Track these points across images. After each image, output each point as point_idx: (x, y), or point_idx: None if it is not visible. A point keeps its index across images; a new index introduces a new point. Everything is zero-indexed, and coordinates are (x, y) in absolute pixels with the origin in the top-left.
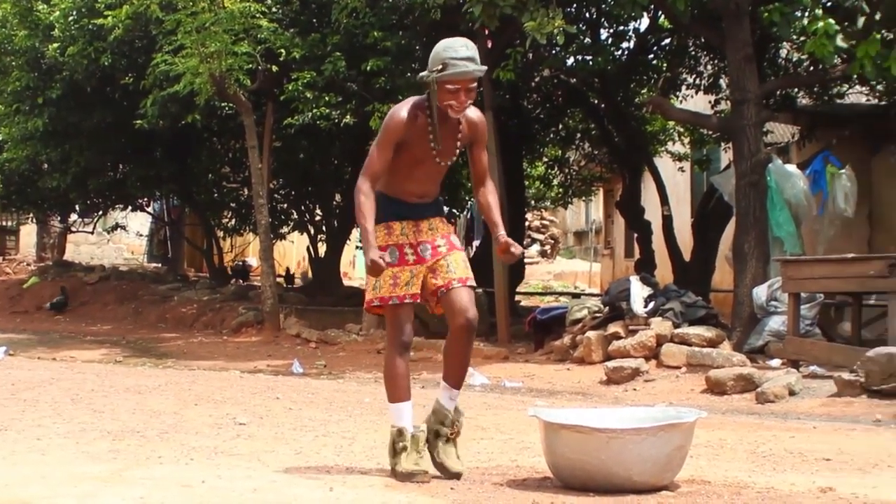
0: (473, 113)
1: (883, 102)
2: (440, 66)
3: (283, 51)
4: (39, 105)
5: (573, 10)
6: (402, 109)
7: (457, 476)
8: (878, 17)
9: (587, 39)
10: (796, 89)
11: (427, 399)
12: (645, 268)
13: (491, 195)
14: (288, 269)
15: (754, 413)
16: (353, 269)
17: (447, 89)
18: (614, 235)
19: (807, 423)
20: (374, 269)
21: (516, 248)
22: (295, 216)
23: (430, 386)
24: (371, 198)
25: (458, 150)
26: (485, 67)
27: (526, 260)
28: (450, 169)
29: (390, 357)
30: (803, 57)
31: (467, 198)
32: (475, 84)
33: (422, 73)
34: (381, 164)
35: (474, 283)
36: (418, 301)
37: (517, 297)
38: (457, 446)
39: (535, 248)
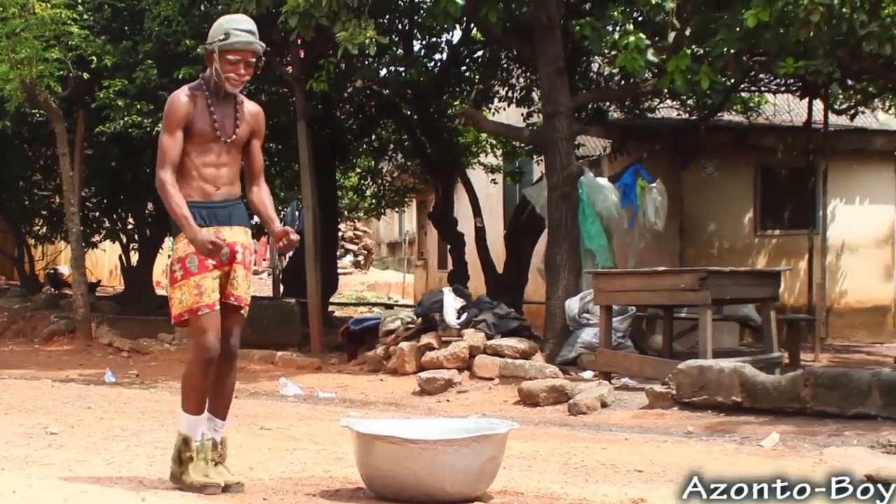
0: (253, 105)
1: (693, 117)
2: (222, 36)
3: (94, 58)
4: None
5: (385, 21)
6: (180, 93)
7: (238, 484)
8: (688, 32)
9: (400, 51)
10: (608, 103)
11: (238, 409)
12: (458, 279)
13: (265, 193)
14: (98, 281)
15: (567, 425)
16: (166, 278)
17: (228, 60)
18: (427, 247)
19: (619, 435)
20: (214, 250)
21: (293, 234)
22: (107, 224)
23: (242, 396)
24: (176, 186)
25: (238, 131)
26: (264, 45)
27: (339, 270)
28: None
29: (195, 368)
30: (615, 71)
31: (280, 207)
32: (255, 59)
33: (203, 45)
34: (173, 148)
35: (244, 306)
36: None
37: (331, 308)
38: (226, 469)
39: (349, 258)
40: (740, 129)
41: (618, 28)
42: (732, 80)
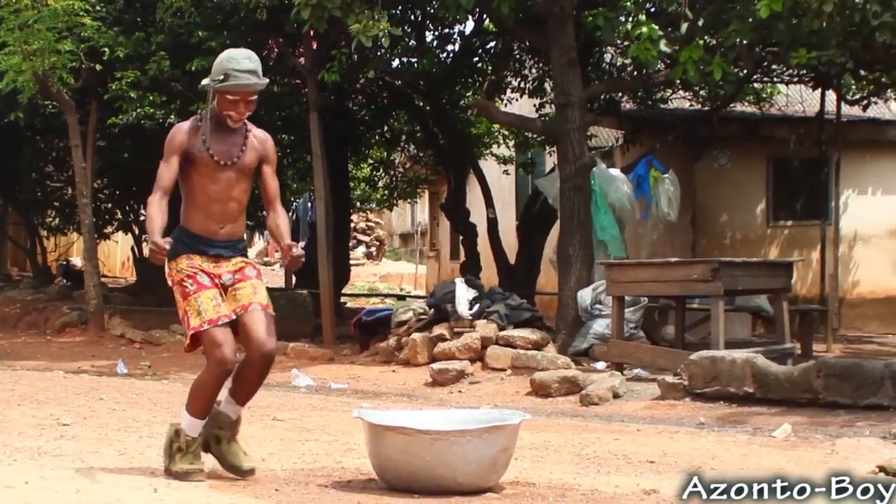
0: (261, 132)
1: (706, 107)
2: (221, 77)
3: (106, 49)
4: None
5: (398, 12)
6: (181, 124)
7: (250, 472)
8: (700, 22)
9: (412, 42)
10: (620, 94)
11: (252, 400)
12: (470, 270)
13: (281, 218)
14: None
15: (579, 415)
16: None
17: (227, 100)
18: (440, 238)
19: (631, 426)
20: (156, 252)
21: (297, 249)
22: (119, 216)
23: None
24: (160, 210)
25: (243, 157)
26: (266, 80)
27: (351, 262)
28: (248, 193)
29: (210, 379)
30: (627, 61)
31: (292, 198)
32: (255, 97)
33: (204, 81)
34: (165, 174)
35: (264, 305)
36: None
37: (342, 299)
38: (239, 445)
39: (361, 249)
40: (753, 120)
41: (630, 18)
42: (745, 71)
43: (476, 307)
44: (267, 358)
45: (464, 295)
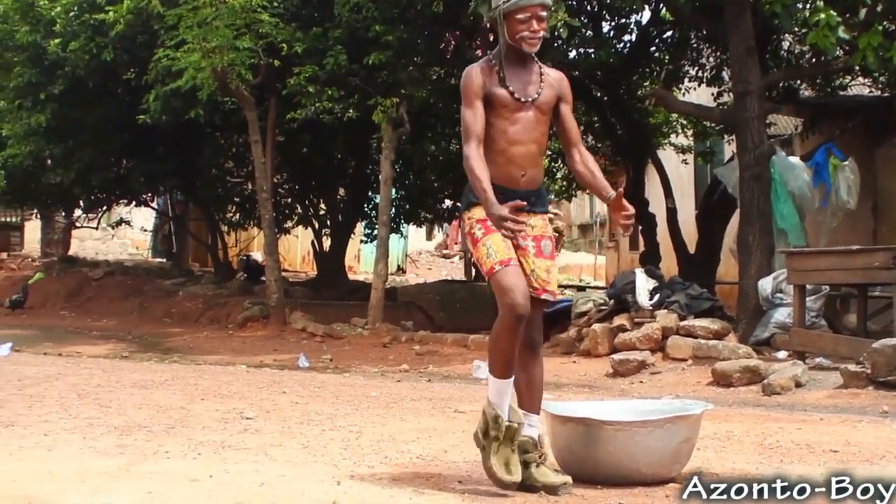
0: (555, 71)
1: (886, 94)
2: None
3: (284, 45)
4: (42, 101)
5: (575, 3)
6: (473, 66)
7: (566, 484)
8: (879, 8)
9: (589, 32)
10: (799, 81)
11: (432, 392)
12: (650, 260)
13: (589, 159)
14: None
15: (761, 405)
16: (358, 263)
17: (517, 20)
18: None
19: (813, 415)
20: (514, 228)
21: (629, 208)
22: (299, 210)
23: (435, 379)
24: (481, 160)
25: (542, 93)
26: None
27: None
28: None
29: (503, 330)
30: (805, 49)
31: None
32: (545, 13)
33: (489, 12)
34: (474, 121)
35: (552, 298)
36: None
37: None
38: (548, 465)
39: None
40: None
41: (808, 5)
42: None
43: (656, 297)
44: (534, 342)
45: (644, 285)
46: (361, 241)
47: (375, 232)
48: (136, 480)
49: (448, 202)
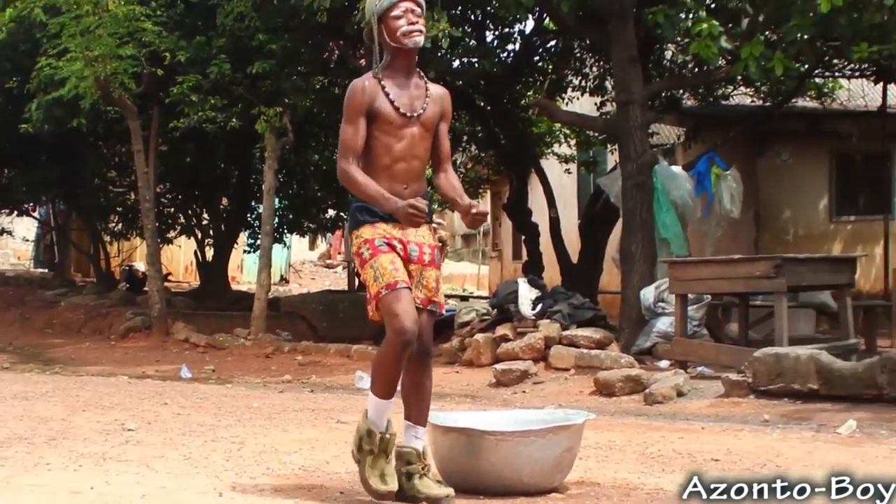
0: (439, 87)
1: (767, 103)
2: (377, 2)
3: (167, 54)
4: None
5: (458, 12)
6: (359, 80)
7: (449, 496)
8: (761, 18)
9: (472, 42)
10: (681, 91)
11: (315, 403)
12: (532, 270)
13: (452, 177)
14: (168, 274)
15: (643, 414)
16: (241, 273)
17: (393, 17)
18: (502, 238)
19: (695, 424)
20: (418, 214)
21: (479, 206)
22: (182, 220)
23: (318, 390)
24: (359, 171)
25: (426, 109)
26: None
27: None
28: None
29: (389, 353)
30: (688, 58)
31: None
32: (419, 9)
33: (362, 25)
34: (353, 137)
35: (437, 310)
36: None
37: None
38: (431, 476)
39: None
40: (815, 115)
41: (691, 15)
42: (806, 66)
43: (539, 307)
44: (424, 351)
45: (526, 295)
46: (244, 251)
47: (258, 242)
48: (17, 493)
49: (332, 212)
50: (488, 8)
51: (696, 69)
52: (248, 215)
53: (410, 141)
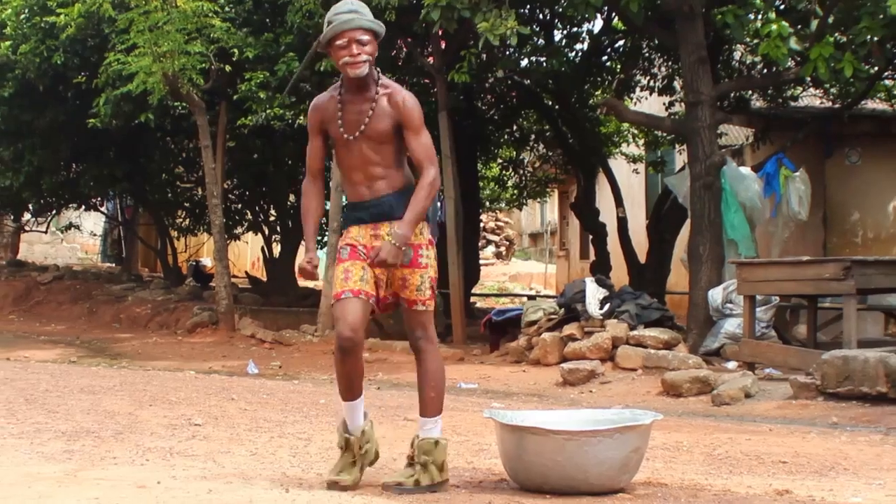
0: (399, 94)
1: (836, 105)
2: (325, 29)
3: (235, 50)
4: None
5: (526, 11)
6: (316, 100)
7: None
8: (830, 19)
9: (541, 41)
10: (750, 91)
11: (381, 400)
12: (600, 269)
13: (421, 189)
14: (246, 272)
15: (710, 415)
16: None
17: (337, 46)
18: (569, 237)
19: (763, 426)
20: (301, 272)
21: (385, 254)
22: (249, 216)
23: (385, 387)
24: (311, 196)
25: (368, 126)
26: (375, 22)
27: (481, 261)
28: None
29: (335, 355)
30: (757, 59)
31: None
32: (367, 37)
33: (318, 47)
34: (313, 155)
35: (422, 308)
36: (370, 299)
37: (472, 299)
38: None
39: (491, 249)
40: (884, 117)
41: (760, 16)
42: (876, 68)
43: (606, 307)
44: (414, 348)
45: (594, 294)
46: None
47: (325, 238)
48: (83, 486)
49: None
50: (557, 7)
51: (765, 70)
52: None
53: (359, 154)
